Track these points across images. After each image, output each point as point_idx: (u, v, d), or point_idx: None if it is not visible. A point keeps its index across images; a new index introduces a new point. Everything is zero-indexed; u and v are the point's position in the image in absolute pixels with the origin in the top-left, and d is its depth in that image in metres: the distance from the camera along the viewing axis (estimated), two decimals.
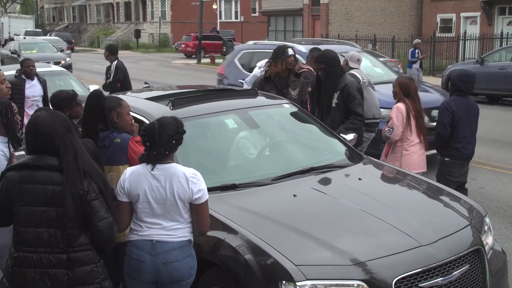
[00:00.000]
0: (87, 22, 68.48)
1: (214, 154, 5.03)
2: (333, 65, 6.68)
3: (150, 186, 3.52)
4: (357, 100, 6.56)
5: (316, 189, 4.51)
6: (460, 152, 6.11)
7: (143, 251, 3.54)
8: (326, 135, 5.60)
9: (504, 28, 28.06)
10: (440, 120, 6.09)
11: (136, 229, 3.60)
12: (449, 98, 6.20)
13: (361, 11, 34.35)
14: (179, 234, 3.57)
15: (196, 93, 6.16)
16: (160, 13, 54.35)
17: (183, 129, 3.62)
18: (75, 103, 5.28)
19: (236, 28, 49.26)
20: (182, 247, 3.57)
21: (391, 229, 3.89)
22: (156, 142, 3.49)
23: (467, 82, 6.05)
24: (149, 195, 3.52)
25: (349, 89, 6.55)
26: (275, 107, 5.76)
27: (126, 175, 3.59)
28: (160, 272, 3.53)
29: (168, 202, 3.53)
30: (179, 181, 3.51)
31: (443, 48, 26.60)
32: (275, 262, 3.52)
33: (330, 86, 6.68)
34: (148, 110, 5.02)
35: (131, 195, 3.56)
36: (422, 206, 4.51)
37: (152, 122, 3.67)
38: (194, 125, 5.05)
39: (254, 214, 4.07)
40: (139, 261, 3.54)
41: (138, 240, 3.57)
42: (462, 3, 31.26)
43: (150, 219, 3.56)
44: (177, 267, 3.54)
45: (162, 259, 3.52)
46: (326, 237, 3.78)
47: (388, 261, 3.60)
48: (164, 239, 3.54)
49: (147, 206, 3.54)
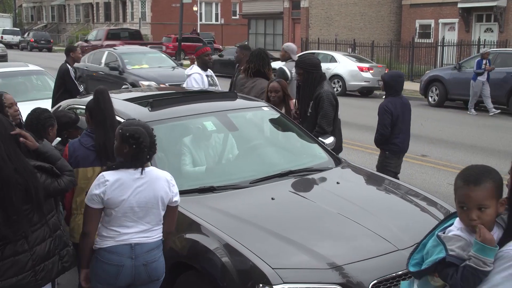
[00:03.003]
0: (66, 22, 67.85)
1: (192, 156, 5.01)
2: (311, 72, 6.31)
3: (134, 190, 3.49)
4: (323, 112, 6.15)
5: (294, 193, 4.52)
6: (398, 146, 6.73)
7: (122, 256, 3.49)
8: (305, 138, 5.61)
9: (481, 34, 28.48)
10: (381, 122, 6.63)
11: (111, 235, 3.52)
12: (386, 99, 6.71)
13: (341, 16, 34.55)
14: (155, 235, 3.58)
15: (175, 95, 6.14)
16: (140, 14, 54.09)
17: None
18: (75, 128, 5.03)
19: (216, 31, 49.24)
20: (158, 247, 3.60)
21: (368, 233, 3.90)
22: (148, 144, 3.51)
23: (399, 82, 6.71)
24: (133, 200, 3.48)
25: (320, 99, 6.17)
26: (254, 110, 5.76)
27: (108, 183, 3.46)
28: (139, 274, 3.52)
29: (150, 205, 3.52)
30: (162, 184, 3.56)
31: (421, 54, 26.89)
32: (252, 265, 3.51)
33: (306, 93, 6.38)
34: (126, 111, 4.98)
35: (112, 202, 3.47)
36: (399, 210, 4.53)
37: (134, 127, 3.55)
38: (172, 127, 5.04)
39: (232, 217, 4.06)
40: (118, 267, 3.49)
41: (115, 246, 3.51)
42: (440, 10, 31.64)
43: (130, 223, 3.52)
44: (155, 267, 3.57)
45: (143, 261, 3.51)
46: (303, 240, 3.78)
47: (365, 265, 3.61)
48: (143, 241, 3.52)
49: (130, 210, 3.50)
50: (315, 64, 6.41)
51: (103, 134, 4.18)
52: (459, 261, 2.44)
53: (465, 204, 2.47)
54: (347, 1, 34.53)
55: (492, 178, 2.47)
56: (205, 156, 5.03)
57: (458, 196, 2.50)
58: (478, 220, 2.44)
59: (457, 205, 2.51)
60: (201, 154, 5.03)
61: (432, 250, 2.57)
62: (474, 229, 2.44)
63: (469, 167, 2.60)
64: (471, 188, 2.45)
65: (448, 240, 2.50)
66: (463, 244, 2.47)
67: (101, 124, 4.23)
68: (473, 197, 2.44)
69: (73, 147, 4.28)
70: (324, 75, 6.50)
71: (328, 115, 6.18)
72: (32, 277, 3.28)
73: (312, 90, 6.29)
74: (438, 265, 2.51)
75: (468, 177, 2.48)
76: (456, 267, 2.44)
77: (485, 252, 2.36)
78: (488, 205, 2.45)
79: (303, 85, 6.45)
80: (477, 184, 2.45)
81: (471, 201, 2.45)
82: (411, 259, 2.71)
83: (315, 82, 6.30)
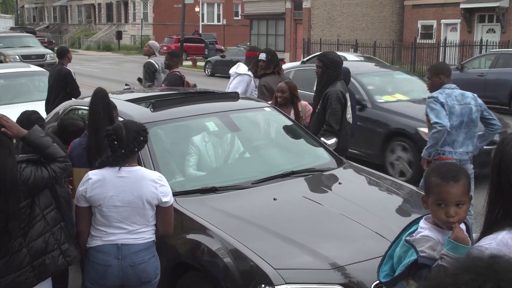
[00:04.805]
0: (68, 22, 67.87)
1: (194, 156, 5.00)
2: (329, 67, 6.16)
3: (117, 189, 3.49)
4: (331, 109, 6.05)
5: (296, 193, 4.51)
6: None
7: (109, 255, 3.50)
8: (307, 139, 5.60)
9: (484, 35, 28.40)
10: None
11: (98, 235, 3.55)
12: None
13: (343, 16, 34.51)
14: (145, 236, 3.56)
15: (177, 95, 6.14)
16: (142, 15, 54.11)
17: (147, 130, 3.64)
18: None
19: (218, 31, 49.23)
20: (147, 248, 3.56)
21: (370, 234, 3.90)
22: (124, 139, 3.47)
23: (347, 76, 6.89)
24: (115, 198, 3.48)
25: (329, 97, 6.06)
26: (256, 111, 5.76)
27: (90, 181, 3.51)
28: (127, 275, 3.51)
29: (135, 205, 3.49)
30: (147, 184, 3.50)
31: (423, 54, 26.84)
32: (254, 266, 3.51)
33: (319, 90, 6.29)
34: (128, 112, 4.98)
35: (95, 200, 3.50)
36: (402, 211, 4.53)
37: (115, 123, 3.68)
38: (174, 128, 5.04)
39: (234, 218, 4.06)
40: (105, 266, 3.50)
41: (102, 245, 3.53)
42: (442, 10, 31.60)
43: (115, 223, 3.51)
44: (144, 268, 3.54)
45: (130, 262, 3.50)
46: (305, 241, 3.78)
47: (367, 265, 3.60)
48: (130, 242, 3.52)
49: (114, 209, 3.49)
50: (335, 62, 6.25)
51: (94, 139, 4.18)
52: (431, 262, 2.45)
53: (444, 201, 2.48)
54: (349, 2, 34.50)
55: (465, 175, 2.54)
56: (207, 157, 5.03)
57: (436, 193, 2.50)
58: (456, 216, 2.47)
59: (433, 203, 2.51)
60: (203, 155, 5.03)
61: (403, 256, 2.59)
62: (451, 226, 2.46)
63: (440, 164, 2.69)
64: (451, 184, 2.48)
65: (418, 242, 2.52)
66: (432, 244, 2.49)
67: (94, 127, 4.22)
68: (454, 193, 2.47)
69: (73, 146, 4.33)
70: (341, 76, 6.30)
71: (336, 112, 6.07)
72: (30, 272, 3.27)
73: (324, 87, 6.19)
74: (411, 268, 2.52)
75: (446, 174, 2.50)
76: (429, 268, 2.45)
77: (458, 250, 2.38)
78: (464, 201, 2.50)
79: (318, 81, 6.38)
80: (457, 180, 2.48)
81: (451, 197, 2.47)
82: (380, 272, 2.74)
83: (330, 79, 6.17)
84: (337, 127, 6.07)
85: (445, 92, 5.48)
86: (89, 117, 4.31)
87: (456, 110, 5.45)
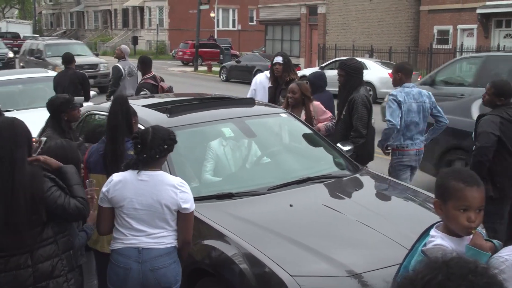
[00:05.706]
0: (84, 28, 68.45)
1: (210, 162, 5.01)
2: (352, 75, 6.25)
3: (137, 192, 3.51)
4: (358, 114, 6.08)
5: (312, 200, 4.50)
6: None
7: (129, 258, 3.53)
8: (323, 145, 5.59)
9: (501, 41, 28.19)
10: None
11: (120, 237, 3.58)
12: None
13: (358, 22, 34.44)
14: (165, 241, 3.56)
15: (193, 101, 6.16)
16: (158, 20, 54.39)
17: (175, 138, 3.63)
18: (71, 107, 5.27)
19: (233, 37, 49.32)
20: (168, 254, 3.56)
21: (387, 241, 3.88)
22: (148, 144, 3.50)
23: (324, 79, 7.32)
24: (135, 201, 3.51)
25: (354, 102, 6.10)
26: (272, 116, 5.76)
27: (112, 182, 3.59)
28: (147, 279, 3.52)
29: (154, 209, 3.51)
30: (168, 189, 3.51)
31: (439, 60, 26.67)
32: (271, 272, 3.50)
33: (343, 96, 6.33)
34: (145, 117, 5.00)
35: (116, 201, 3.56)
36: (418, 217, 4.49)
37: (146, 127, 3.72)
38: (191, 133, 5.06)
39: (250, 224, 4.06)
40: (126, 269, 3.53)
41: (123, 248, 3.56)
42: (459, 15, 31.41)
43: (136, 226, 3.54)
44: (164, 273, 3.53)
45: (150, 266, 3.51)
46: (322, 248, 3.76)
47: (384, 273, 3.58)
48: (150, 247, 3.53)
49: (133, 212, 3.53)
50: (358, 69, 6.38)
51: (111, 145, 4.21)
52: None
53: (467, 206, 2.45)
54: (365, 7, 34.43)
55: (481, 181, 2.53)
56: (223, 162, 5.03)
57: (459, 198, 2.45)
58: (476, 221, 2.44)
59: (455, 208, 2.46)
60: (219, 160, 5.04)
61: None
62: (470, 232, 2.43)
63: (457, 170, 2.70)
64: (475, 189, 2.45)
65: (432, 253, 2.48)
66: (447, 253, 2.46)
67: (112, 134, 4.25)
68: (478, 197, 2.45)
69: (90, 152, 4.36)
70: (363, 81, 6.42)
71: (363, 117, 6.12)
72: None
73: (349, 94, 6.24)
74: None
75: (468, 179, 2.47)
76: None
77: (480, 258, 2.33)
78: (483, 206, 2.48)
79: (342, 88, 6.44)
80: (479, 185, 2.47)
81: (476, 202, 2.45)
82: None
83: (354, 86, 6.24)
84: (365, 132, 6.12)
85: (404, 91, 6.16)
86: (108, 123, 4.33)
87: (413, 107, 6.14)
